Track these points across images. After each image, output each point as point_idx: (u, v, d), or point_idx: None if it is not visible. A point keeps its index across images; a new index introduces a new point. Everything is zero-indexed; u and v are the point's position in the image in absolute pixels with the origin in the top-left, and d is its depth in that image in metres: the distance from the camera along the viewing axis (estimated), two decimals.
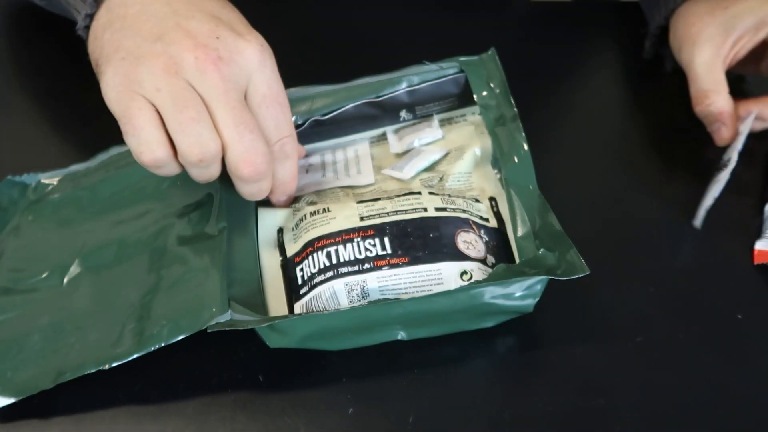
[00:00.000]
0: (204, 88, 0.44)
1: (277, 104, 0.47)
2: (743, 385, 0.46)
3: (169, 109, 0.43)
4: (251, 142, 0.45)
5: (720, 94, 0.57)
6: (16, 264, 0.51)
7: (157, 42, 0.45)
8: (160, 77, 0.44)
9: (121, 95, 0.44)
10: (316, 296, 0.47)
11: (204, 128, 0.44)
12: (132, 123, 0.44)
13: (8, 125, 0.64)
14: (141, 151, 0.44)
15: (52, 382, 0.44)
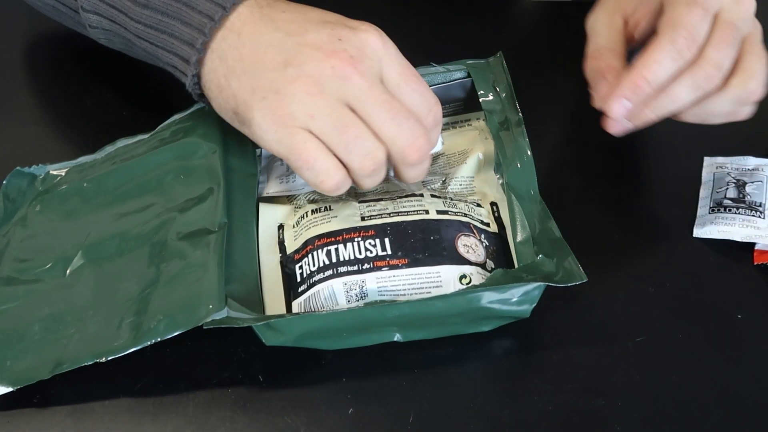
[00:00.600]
0: (351, 93, 0.45)
1: (413, 77, 0.47)
2: (743, 385, 0.46)
3: (331, 134, 0.45)
4: (410, 129, 0.45)
5: (613, 52, 0.53)
6: (21, 254, 0.52)
7: (287, 68, 0.45)
8: (308, 102, 0.44)
9: (280, 135, 0.45)
10: (315, 294, 0.47)
11: (368, 140, 0.45)
12: (303, 158, 0.45)
13: (17, 121, 0.64)
14: (321, 180, 0.45)
15: (49, 373, 0.44)
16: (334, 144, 0.45)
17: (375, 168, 0.46)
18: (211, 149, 0.53)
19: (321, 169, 0.45)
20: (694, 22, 0.48)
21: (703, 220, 0.54)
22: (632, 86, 0.48)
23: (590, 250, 0.51)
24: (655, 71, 0.48)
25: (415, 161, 0.46)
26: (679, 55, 0.48)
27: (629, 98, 0.49)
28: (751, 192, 0.54)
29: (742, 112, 0.52)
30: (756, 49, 0.50)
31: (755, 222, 0.53)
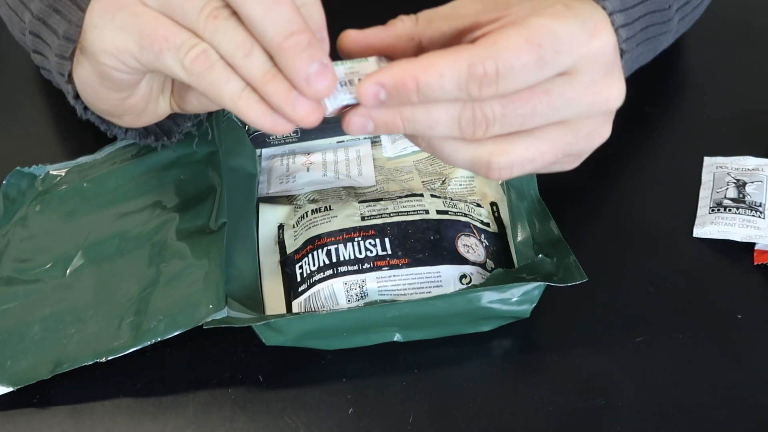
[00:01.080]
0: None
1: None
2: (743, 385, 0.46)
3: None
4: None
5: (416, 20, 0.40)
6: (21, 254, 0.52)
7: (64, 2, 0.41)
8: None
9: (121, 21, 0.37)
10: (315, 294, 0.47)
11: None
12: (160, 36, 0.36)
13: (17, 121, 0.64)
14: (186, 54, 0.36)
15: (49, 373, 0.44)
16: (170, 7, 0.36)
17: (217, 14, 0.35)
18: (211, 150, 0.53)
19: (182, 40, 0.36)
20: (513, 64, 0.35)
21: (703, 220, 0.54)
22: (399, 81, 0.35)
23: (590, 250, 0.51)
24: (430, 83, 0.35)
25: None
26: (466, 90, 0.35)
27: (387, 88, 0.36)
28: (751, 192, 0.54)
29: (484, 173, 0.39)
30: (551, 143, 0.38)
31: (755, 222, 0.53)
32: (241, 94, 0.36)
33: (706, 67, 0.67)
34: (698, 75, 0.67)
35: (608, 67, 0.37)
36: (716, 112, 0.59)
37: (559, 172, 0.41)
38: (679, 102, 0.61)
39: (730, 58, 0.68)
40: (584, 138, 0.38)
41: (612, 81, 0.37)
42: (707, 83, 0.66)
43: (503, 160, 0.37)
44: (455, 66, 0.35)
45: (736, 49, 0.69)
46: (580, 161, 0.41)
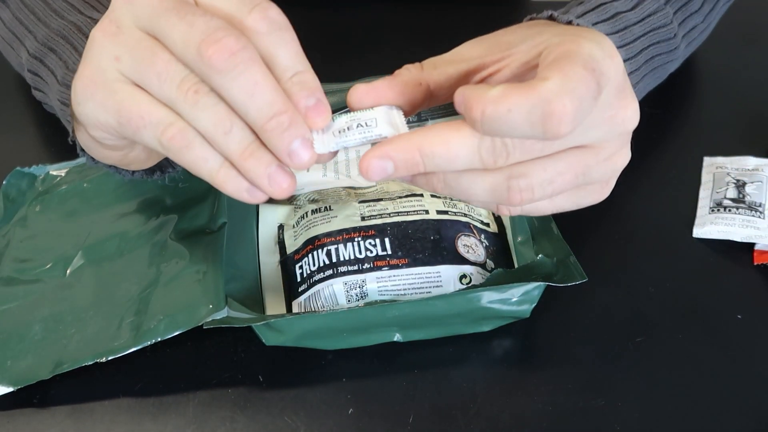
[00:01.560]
0: (142, 15, 0.36)
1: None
2: (743, 385, 0.46)
3: (141, 71, 0.36)
4: (205, 23, 0.34)
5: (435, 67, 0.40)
6: (21, 254, 0.52)
7: (58, 41, 0.41)
8: (109, 45, 0.37)
9: (101, 98, 0.37)
10: (315, 294, 0.47)
11: (175, 60, 0.35)
12: (136, 114, 0.36)
13: (17, 121, 0.64)
14: (163, 131, 0.36)
15: (49, 373, 0.44)
16: (147, 81, 0.36)
17: (198, 90, 0.35)
18: None
19: (158, 119, 0.36)
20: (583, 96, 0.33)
21: (703, 220, 0.54)
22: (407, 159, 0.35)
23: (590, 250, 0.51)
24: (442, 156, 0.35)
25: (218, 60, 0.33)
26: (482, 163, 0.36)
27: (396, 166, 0.36)
28: (751, 192, 0.54)
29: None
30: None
31: (755, 222, 0.53)
32: (219, 171, 0.36)
33: (706, 68, 0.67)
34: (698, 75, 0.67)
35: (623, 88, 0.37)
36: (716, 112, 0.59)
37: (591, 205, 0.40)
38: (679, 102, 0.62)
39: (730, 59, 0.68)
40: (603, 161, 0.37)
41: (627, 102, 0.37)
42: (707, 83, 0.66)
43: (523, 182, 0.36)
44: (463, 144, 0.35)
45: (736, 49, 0.69)
46: (608, 189, 0.40)
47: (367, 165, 0.36)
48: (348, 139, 0.36)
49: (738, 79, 0.64)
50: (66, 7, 0.51)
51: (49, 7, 0.51)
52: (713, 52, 0.66)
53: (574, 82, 0.33)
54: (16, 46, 0.54)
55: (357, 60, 0.67)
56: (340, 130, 0.37)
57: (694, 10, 0.55)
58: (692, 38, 0.56)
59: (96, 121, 0.38)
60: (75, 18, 0.49)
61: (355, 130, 0.37)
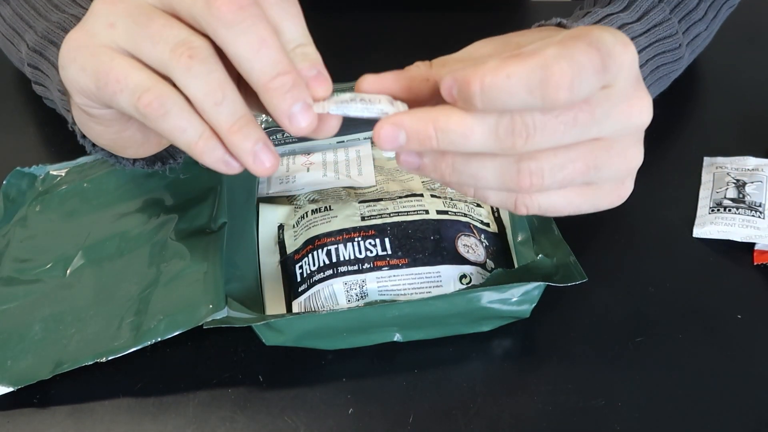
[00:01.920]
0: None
1: None
2: (743, 385, 0.46)
3: (135, 36, 0.35)
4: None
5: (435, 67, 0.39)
6: (22, 254, 0.52)
7: (58, 33, 0.40)
8: (107, 12, 0.36)
9: (83, 60, 0.36)
10: (315, 294, 0.47)
11: (176, 26, 0.35)
12: (113, 78, 0.35)
13: (17, 121, 0.64)
14: (139, 97, 0.35)
15: (50, 373, 0.44)
16: (140, 44, 0.35)
17: (193, 55, 0.34)
18: None
19: (136, 83, 0.35)
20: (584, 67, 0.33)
21: (703, 220, 0.54)
22: (463, 82, 0.33)
23: (590, 250, 0.51)
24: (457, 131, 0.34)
25: (228, 11, 0.33)
26: (499, 144, 0.34)
27: (409, 137, 0.35)
28: (751, 192, 0.54)
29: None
30: None
31: (755, 222, 0.53)
32: (198, 142, 0.35)
33: (707, 68, 0.67)
34: (698, 75, 0.67)
35: (637, 81, 0.36)
36: (716, 112, 0.59)
37: (609, 207, 0.38)
38: (680, 102, 0.61)
39: (731, 59, 0.68)
40: (615, 156, 0.36)
41: (642, 95, 0.36)
42: (707, 83, 0.66)
43: (533, 165, 0.35)
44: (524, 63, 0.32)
45: (736, 49, 0.69)
46: (624, 191, 0.39)
47: (379, 131, 0.35)
48: (349, 108, 0.36)
49: (738, 79, 0.64)
50: (67, 1, 0.51)
51: (50, 2, 0.51)
52: (713, 52, 0.66)
53: (573, 50, 0.32)
54: (17, 42, 0.54)
55: (359, 60, 0.67)
56: (343, 101, 0.36)
57: (698, 18, 0.55)
58: (696, 45, 0.56)
59: (77, 85, 0.37)
60: (75, 11, 0.49)
61: (358, 103, 0.36)
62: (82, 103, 0.39)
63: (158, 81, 0.35)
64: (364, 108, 0.36)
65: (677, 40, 0.52)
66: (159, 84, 0.35)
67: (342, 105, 0.36)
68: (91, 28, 0.36)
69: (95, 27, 0.36)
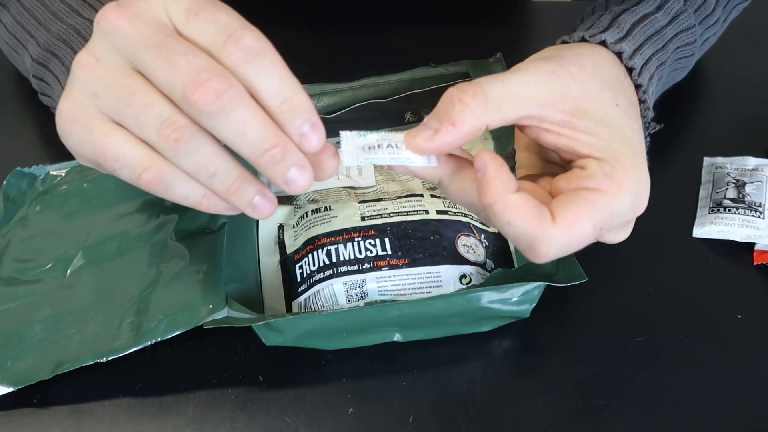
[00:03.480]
0: (123, 47, 0.35)
1: (208, 6, 0.35)
2: (743, 385, 0.46)
3: (119, 110, 0.35)
4: (188, 64, 0.33)
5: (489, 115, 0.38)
6: (22, 254, 0.52)
7: (59, 45, 0.41)
8: (87, 80, 0.36)
9: (77, 134, 0.37)
10: (315, 294, 0.47)
11: (159, 103, 0.35)
12: (111, 156, 0.36)
13: (17, 121, 0.64)
14: (139, 175, 0.36)
15: (50, 373, 0.44)
16: (126, 121, 0.35)
17: (179, 137, 0.34)
18: None
19: (134, 162, 0.36)
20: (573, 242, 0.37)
21: (702, 220, 0.54)
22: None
23: (590, 250, 0.50)
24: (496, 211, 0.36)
25: (204, 104, 0.33)
26: None
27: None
28: (751, 192, 0.54)
29: None
30: None
31: (755, 222, 0.53)
32: (201, 201, 0.37)
33: (707, 68, 0.67)
34: (698, 75, 0.67)
35: (629, 224, 0.41)
36: (716, 113, 0.59)
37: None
38: (679, 102, 0.61)
39: (731, 59, 0.68)
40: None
41: (627, 231, 0.42)
42: (707, 84, 0.66)
43: None
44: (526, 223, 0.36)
45: (736, 49, 0.69)
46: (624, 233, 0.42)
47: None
48: (377, 157, 0.37)
49: (738, 79, 0.64)
50: (65, 9, 0.51)
51: (48, 10, 0.51)
52: (714, 52, 0.66)
53: (572, 237, 0.37)
54: (20, 51, 0.54)
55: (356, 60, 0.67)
56: (370, 147, 0.37)
57: (711, 22, 0.55)
58: (705, 38, 0.56)
59: (79, 155, 0.38)
60: (74, 21, 0.49)
61: (384, 149, 0.37)
62: (91, 166, 0.39)
63: (154, 158, 0.36)
64: (391, 156, 0.37)
65: (693, 34, 0.52)
66: (156, 161, 0.36)
67: (370, 153, 0.37)
68: (76, 97, 0.36)
69: (79, 96, 0.36)
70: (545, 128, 0.38)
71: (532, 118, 0.38)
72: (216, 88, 0.33)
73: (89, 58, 0.36)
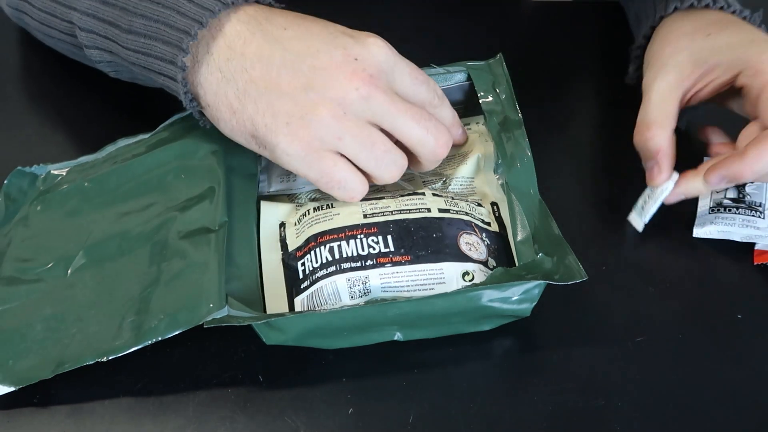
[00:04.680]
0: (376, 111, 0.46)
1: (419, 74, 0.49)
2: (743, 385, 0.46)
3: (360, 154, 0.47)
4: (435, 128, 0.48)
5: (664, 129, 0.53)
6: (23, 254, 0.52)
7: (308, 92, 0.46)
8: (335, 126, 0.46)
9: (309, 160, 0.46)
10: (318, 291, 0.47)
11: (395, 152, 0.48)
12: (336, 180, 0.47)
13: (18, 120, 0.64)
14: (352, 196, 0.48)
15: (51, 372, 0.44)
16: (363, 162, 0.47)
17: (401, 173, 0.49)
18: (212, 149, 0.53)
19: (352, 186, 0.48)
20: None
21: (703, 220, 0.54)
22: (737, 173, 0.51)
23: (590, 249, 0.51)
24: (762, 165, 0.50)
25: (443, 155, 0.49)
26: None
27: (729, 179, 0.52)
28: (751, 192, 0.54)
29: None
30: None
31: (755, 222, 0.53)
32: None
33: None
34: None
35: None
36: (716, 113, 0.59)
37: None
38: None
39: None
40: None
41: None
42: None
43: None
44: None
45: None
46: None
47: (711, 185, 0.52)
48: (651, 212, 0.54)
49: None
50: None
51: None
52: None
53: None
54: (60, 12, 0.56)
55: None
56: (646, 209, 0.54)
57: None
58: None
59: (293, 169, 0.48)
60: None
61: (652, 202, 0.54)
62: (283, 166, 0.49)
63: (364, 183, 0.48)
64: (655, 205, 0.54)
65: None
66: (365, 186, 0.48)
67: (648, 212, 0.54)
68: (321, 136, 0.46)
69: (324, 137, 0.46)
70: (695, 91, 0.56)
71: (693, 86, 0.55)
72: (449, 142, 0.50)
73: (339, 110, 0.46)
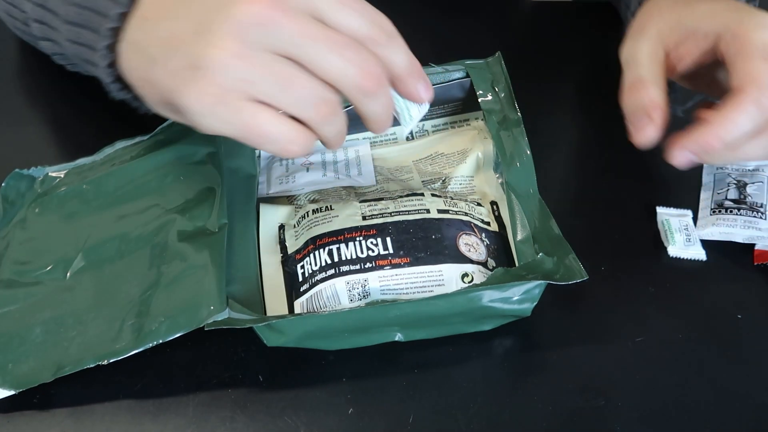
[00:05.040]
0: (282, 39, 0.39)
1: (353, 2, 0.41)
2: (743, 385, 0.46)
3: (276, 95, 0.40)
4: (357, 56, 0.40)
5: (658, 87, 0.50)
6: (21, 256, 0.52)
7: (200, 35, 0.40)
8: (239, 67, 0.39)
9: (224, 115, 0.40)
10: (317, 294, 0.47)
11: (317, 87, 0.40)
12: (259, 133, 0.40)
13: (16, 122, 0.64)
14: (286, 148, 0.41)
15: (51, 376, 0.44)
16: (285, 105, 0.40)
17: (331, 111, 0.41)
18: (210, 151, 0.53)
19: (281, 137, 0.41)
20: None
21: (704, 221, 0.54)
22: (704, 144, 0.47)
23: (590, 249, 0.51)
24: (732, 132, 0.46)
25: (372, 89, 0.41)
26: (762, 118, 0.46)
27: (696, 153, 0.48)
28: (752, 193, 0.54)
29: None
30: None
31: (757, 223, 0.53)
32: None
33: None
34: None
35: None
36: None
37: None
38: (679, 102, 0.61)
39: None
40: None
41: None
42: None
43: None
44: (743, 112, 0.46)
45: None
46: None
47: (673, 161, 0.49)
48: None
49: None
50: None
51: None
52: None
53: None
54: (18, 2, 0.54)
55: None
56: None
57: None
58: None
59: (214, 131, 0.41)
60: None
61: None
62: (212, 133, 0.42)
63: (299, 131, 0.41)
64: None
65: None
66: (300, 135, 0.41)
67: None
68: (226, 83, 0.39)
69: (230, 83, 0.39)
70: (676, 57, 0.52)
71: (674, 49, 0.52)
72: (378, 75, 0.41)
73: (239, 47, 0.39)
